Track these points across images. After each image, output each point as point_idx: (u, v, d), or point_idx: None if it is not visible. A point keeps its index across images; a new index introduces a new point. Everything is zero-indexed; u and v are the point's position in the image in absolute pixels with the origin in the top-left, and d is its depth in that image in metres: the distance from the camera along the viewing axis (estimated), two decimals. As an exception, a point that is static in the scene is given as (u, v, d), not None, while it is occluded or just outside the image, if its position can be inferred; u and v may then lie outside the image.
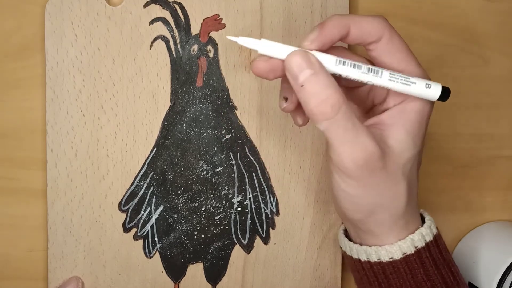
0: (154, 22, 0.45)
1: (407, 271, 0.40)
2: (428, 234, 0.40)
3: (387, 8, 0.51)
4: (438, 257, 0.40)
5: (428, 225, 0.41)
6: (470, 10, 0.52)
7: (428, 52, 0.52)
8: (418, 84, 0.38)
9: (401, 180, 0.39)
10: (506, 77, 0.54)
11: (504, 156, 0.54)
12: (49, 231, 0.46)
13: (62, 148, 0.45)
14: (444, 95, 0.38)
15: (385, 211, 0.39)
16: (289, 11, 0.47)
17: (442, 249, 0.41)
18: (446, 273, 0.40)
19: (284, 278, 0.50)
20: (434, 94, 0.38)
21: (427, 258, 0.40)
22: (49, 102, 0.44)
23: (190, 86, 0.46)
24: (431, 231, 0.41)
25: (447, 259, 0.41)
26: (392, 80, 0.37)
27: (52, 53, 0.44)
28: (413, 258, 0.40)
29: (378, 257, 0.40)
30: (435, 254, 0.40)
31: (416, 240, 0.40)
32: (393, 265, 0.40)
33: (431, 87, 0.38)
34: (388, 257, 0.40)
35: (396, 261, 0.40)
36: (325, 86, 0.35)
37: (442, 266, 0.40)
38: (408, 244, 0.40)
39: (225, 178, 0.48)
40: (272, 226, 0.49)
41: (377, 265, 0.41)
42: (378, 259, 0.40)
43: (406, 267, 0.40)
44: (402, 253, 0.40)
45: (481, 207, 0.55)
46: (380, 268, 0.41)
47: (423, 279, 0.40)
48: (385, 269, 0.40)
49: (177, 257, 0.48)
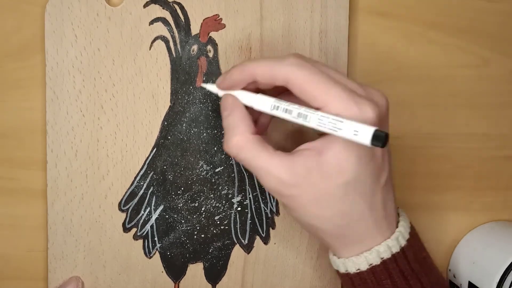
0: (154, 22, 0.45)
1: (374, 282, 0.40)
2: (394, 245, 0.40)
3: (387, 8, 0.51)
4: (406, 268, 0.40)
5: (396, 236, 0.41)
6: (470, 10, 0.52)
7: (428, 52, 0.52)
8: (344, 130, 0.36)
9: (342, 202, 0.39)
10: (506, 77, 0.54)
11: (504, 156, 0.54)
12: (49, 231, 0.46)
13: (62, 148, 0.45)
14: (380, 139, 0.35)
15: (334, 228, 0.40)
16: (289, 11, 0.47)
17: (411, 260, 0.41)
18: (415, 283, 0.41)
19: (284, 278, 0.50)
20: (364, 140, 0.35)
21: (394, 269, 0.40)
22: (49, 102, 0.44)
23: (190, 86, 0.46)
24: (398, 242, 0.41)
25: (416, 270, 0.41)
26: (320, 126, 0.37)
27: (52, 54, 0.44)
28: (379, 269, 0.40)
29: (346, 269, 0.41)
30: (402, 265, 0.40)
31: (382, 252, 0.40)
32: (360, 276, 0.41)
33: (358, 134, 0.35)
34: (355, 268, 0.41)
35: (363, 272, 0.40)
36: (233, 125, 0.40)
37: (411, 277, 0.40)
38: (374, 256, 0.40)
39: (225, 178, 0.48)
40: (272, 226, 0.49)
41: (345, 276, 0.42)
42: (345, 270, 0.41)
43: (373, 278, 0.40)
44: (368, 264, 0.40)
45: (481, 207, 0.55)
46: (348, 279, 0.42)
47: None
48: (353, 280, 0.41)
49: (177, 257, 0.48)
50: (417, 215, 0.54)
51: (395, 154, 0.53)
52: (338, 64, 0.49)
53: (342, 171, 0.38)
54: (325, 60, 0.49)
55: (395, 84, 0.52)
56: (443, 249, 0.54)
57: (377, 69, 0.51)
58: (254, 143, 0.39)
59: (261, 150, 0.39)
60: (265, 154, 0.39)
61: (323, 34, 0.48)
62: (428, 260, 0.43)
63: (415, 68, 0.52)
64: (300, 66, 0.38)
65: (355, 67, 0.51)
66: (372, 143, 0.35)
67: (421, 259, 0.42)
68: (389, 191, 0.41)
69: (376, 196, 0.40)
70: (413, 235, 0.42)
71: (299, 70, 0.38)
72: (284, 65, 0.38)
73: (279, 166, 0.38)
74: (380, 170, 0.40)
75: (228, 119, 0.41)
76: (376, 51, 0.51)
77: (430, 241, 0.54)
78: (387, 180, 0.41)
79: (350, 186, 0.38)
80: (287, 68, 0.38)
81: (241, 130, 0.40)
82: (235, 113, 0.40)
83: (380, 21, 0.51)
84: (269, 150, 0.39)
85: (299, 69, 0.38)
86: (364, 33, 0.51)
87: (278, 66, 0.39)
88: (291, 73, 0.38)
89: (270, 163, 0.39)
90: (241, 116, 0.40)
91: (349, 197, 0.39)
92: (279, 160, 0.39)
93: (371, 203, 0.40)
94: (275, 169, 0.38)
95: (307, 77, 0.38)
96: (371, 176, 0.39)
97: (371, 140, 0.35)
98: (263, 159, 0.39)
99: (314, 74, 0.38)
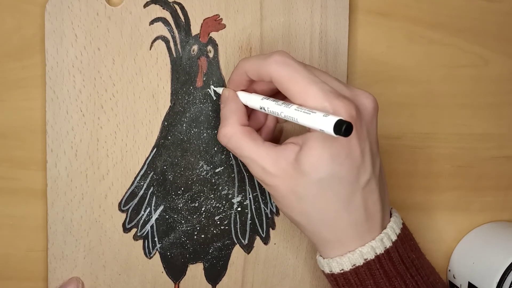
0: (154, 22, 0.45)
1: (357, 283, 0.41)
2: (379, 247, 0.41)
3: (387, 8, 0.51)
4: (390, 270, 0.41)
5: (380, 238, 0.41)
6: (470, 10, 0.52)
7: (428, 52, 0.52)
8: (311, 120, 0.37)
9: (317, 198, 0.40)
10: (506, 77, 0.54)
11: (504, 156, 0.55)
12: (49, 231, 0.46)
13: (62, 148, 0.45)
14: (340, 128, 0.35)
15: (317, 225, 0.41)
16: (289, 11, 0.47)
17: (396, 261, 0.41)
18: (399, 285, 0.41)
19: (284, 278, 0.50)
20: (326, 128, 0.35)
21: (378, 270, 0.41)
22: (49, 102, 0.44)
23: (190, 86, 0.46)
24: (383, 244, 0.41)
25: (401, 272, 0.41)
26: (297, 110, 0.38)
27: (52, 53, 0.44)
28: (362, 270, 0.41)
29: (330, 269, 0.42)
30: (387, 266, 0.41)
31: (365, 253, 0.41)
32: (344, 277, 0.41)
33: (322, 123, 0.35)
34: (339, 268, 0.41)
35: (346, 272, 0.41)
36: (226, 116, 0.43)
37: (396, 279, 0.41)
38: (357, 256, 0.41)
39: (225, 178, 0.48)
40: (272, 226, 0.49)
41: (330, 277, 0.42)
42: (330, 270, 0.42)
43: (357, 278, 0.41)
44: (351, 265, 0.41)
45: (481, 207, 0.55)
46: (333, 280, 0.42)
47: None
48: (338, 280, 0.42)
49: (177, 257, 0.48)
50: (417, 215, 0.54)
51: (395, 154, 0.53)
52: (338, 64, 0.49)
53: (316, 167, 0.39)
54: (325, 60, 0.49)
55: (395, 84, 0.52)
56: (443, 249, 0.54)
57: (377, 69, 0.52)
58: (242, 134, 0.41)
59: (248, 141, 0.41)
60: (252, 144, 0.41)
61: (323, 34, 0.48)
62: (417, 262, 0.42)
63: (415, 68, 0.52)
64: (282, 64, 0.39)
65: (355, 67, 0.51)
66: (335, 132, 0.35)
67: (409, 261, 0.42)
68: (373, 192, 0.41)
69: (355, 197, 0.40)
70: (403, 236, 0.42)
71: (282, 68, 0.39)
72: (268, 63, 0.40)
73: (264, 157, 0.40)
74: (359, 170, 0.40)
75: (222, 110, 0.43)
76: (376, 51, 0.51)
77: (430, 241, 0.54)
78: (369, 181, 0.40)
79: (324, 183, 0.39)
80: (271, 66, 0.40)
81: (232, 121, 0.42)
82: (229, 106, 0.43)
83: (380, 21, 0.51)
84: (257, 141, 0.41)
85: (281, 67, 0.39)
86: (364, 33, 0.51)
87: (263, 63, 0.40)
88: (273, 71, 0.40)
89: (256, 153, 0.41)
90: (234, 108, 0.43)
91: (324, 195, 0.39)
92: (265, 151, 0.41)
93: (348, 203, 0.40)
94: (260, 159, 0.40)
95: (288, 75, 0.39)
96: (347, 175, 0.39)
97: (333, 128, 0.35)
98: (250, 149, 0.41)
99: (294, 72, 0.39)
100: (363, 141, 0.40)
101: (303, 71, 0.39)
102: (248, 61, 0.42)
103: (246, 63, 0.42)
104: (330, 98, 0.38)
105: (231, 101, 0.43)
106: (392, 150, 0.53)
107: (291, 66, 0.39)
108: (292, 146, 0.40)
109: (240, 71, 0.43)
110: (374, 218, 0.41)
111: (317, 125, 0.36)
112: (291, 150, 0.40)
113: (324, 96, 0.38)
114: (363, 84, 0.51)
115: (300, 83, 0.39)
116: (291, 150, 0.40)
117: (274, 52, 0.40)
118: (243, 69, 0.42)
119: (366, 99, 0.41)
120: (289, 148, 0.40)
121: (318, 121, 0.36)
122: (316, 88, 0.38)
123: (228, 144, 0.42)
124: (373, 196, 0.41)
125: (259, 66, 0.40)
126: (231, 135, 0.42)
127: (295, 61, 0.40)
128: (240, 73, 0.43)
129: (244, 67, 0.42)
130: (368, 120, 0.40)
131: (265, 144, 0.41)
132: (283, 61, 0.40)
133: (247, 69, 0.42)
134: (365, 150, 0.40)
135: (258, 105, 0.42)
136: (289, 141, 0.41)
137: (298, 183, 0.39)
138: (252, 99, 0.43)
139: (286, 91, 0.39)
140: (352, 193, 0.40)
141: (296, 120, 0.38)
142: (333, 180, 0.39)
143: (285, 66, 0.39)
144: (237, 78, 0.43)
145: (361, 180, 0.40)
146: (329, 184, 0.39)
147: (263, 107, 0.41)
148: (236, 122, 0.42)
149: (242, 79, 0.43)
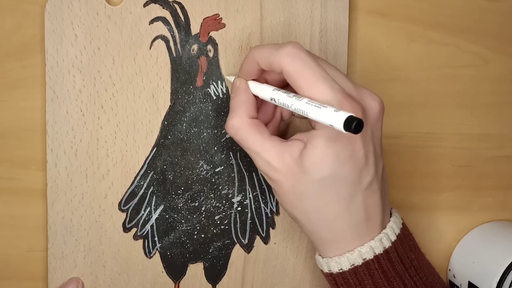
0: (154, 22, 0.45)
1: (356, 282, 0.41)
2: (377, 247, 0.41)
3: (387, 8, 0.51)
4: (389, 270, 0.41)
5: (379, 238, 0.41)
6: (470, 10, 0.52)
7: (428, 52, 0.52)
8: (320, 114, 0.36)
9: (318, 197, 0.40)
10: (506, 77, 0.54)
11: (504, 156, 0.55)
12: (49, 231, 0.45)
13: (62, 148, 0.45)
14: (350, 125, 0.34)
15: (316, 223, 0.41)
16: (289, 11, 0.47)
17: (395, 261, 0.41)
18: (398, 285, 0.41)
19: (284, 278, 0.50)
20: (336, 123, 0.35)
21: (376, 270, 0.40)
22: (49, 102, 0.44)
23: (190, 85, 0.46)
24: (382, 244, 0.41)
25: (400, 272, 0.41)
26: (308, 103, 0.37)
27: (52, 53, 0.44)
28: (361, 270, 0.40)
29: (329, 268, 0.42)
30: (385, 266, 0.41)
31: (364, 252, 0.40)
32: (342, 276, 0.41)
33: (332, 117, 0.35)
34: (338, 268, 0.41)
35: (345, 272, 0.41)
36: (235, 107, 0.42)
37: (394, 279, 0.41)
38: (356, 256, 0.40)
39: (225, 178, 0.48)
40: (272, 225, 0.49)
41: (329, 276, 0.42)
42: (328, 270, 0.42)
43: (355, 278, 0.41)
44: (350, 264, 0.41)
45: (481, 207, 0.55)
46: (332, 279, 0.42)
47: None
48: (336, 280, 0.42)
49: (177, 257, 0.48)
50: (417, 215, 0.54)
51: (395, 154, 0.53)
52: (338, 64, 0.49)
53: (318, 167, 0.38)
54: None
55: (395, 84, 0.52)
56: (443, 249, 0.54)
57: (377, 69, 0.52)
58: (250, 126, 0.41)
59: (255, 133, 0.41)
60: (258, 137, 0.40)
61: (323, 34, 0.48)
62: (416, 262, 0.42)
63: (415, 68, 0.52)
64: (294, 57, 0.39)
65: (355, 67, 0.51)
66: (345, 128, 0.34)
67: (408, 261, 0.42)
68: (374, 194, 0.41)
69: (356, 198, 0.40)
70: (402, 236, 0.42)
71: (293, 61, 0.39)
72: (279, 55, 0.39)
73: (270, 151, 0.40)
74: (361, 171, 0.40)
75: (232, 101, 0.43)
76: (376, 51, 0.51)
77: (430, 241, 0.54)
78: (371, 183, 0.40)
79: (325, 183, 0.39)
80: (283, 58, 0.39)
81: (240, 113, 0.42)
82: (238, 96, 0.42)
83: (380, 21, 0.51)
84: (263, 134, 0.41)
85: (292, 60, 0.39)
86: (364, 33, 0.51)
87: (274, 54, 0.39)
88: (284, 63, 0.39)
89: (261, 147, 0.40)
90: (244, 100, 0.42)
91: (325, 194, 0.39)
92: (271, 145, 0.40)
93: (349, 203, 0.40)
94: (265, 153, 0.40)
95: (298, 69, 0.39)
96: (350, 176, 0.39)
97: (343, 124, 0.34)
98: (256, 142, 0.40)
99: (305, 67, 0.38)
100: (368, 143, 0.40)
101: (315, 66, 0.39)
102: (259, 50, 0.41)
103: (257, 52, 0.41)
104: (338, 98, 0.38)
105: (242, 91, 0.43)
106: (392, 150, 0.53)
107: (303, 60, 0.39)
108: (298, 143, 0.40)
109: (251, 60, 0.42)
110: (374, 218, 0.41)
111: (327, 119, 0.35)
112: (297, 147, 0.39)
113: (332, 95, 0.38)
114: (363, 84, 0.50)
115: (310, 79, 0.38)
116: (296, 146, 0.39)
117: (287, 43, 0.40)
118: (254, 58, 0.41)
119: (373, 100, 0.40)
120: (295, 145, 0.40)
121: (329, 116, 0.35)
122: (325, 85, 0.38)
123: (235, 135, 0.41)
124: (374, 197, 0.41)
125: (271, 57, 0.40)
126: (239, 127, 0.41)
127: (307, 54, 0.39)
128: (251, 62, 0.42)
129: (255, 57, 0.41)
130: (374, 122, 0.40)
131: (272, 138, 0.41)
132: (295, 54, 0.39)
133: (258, 58, 0.41)
134: (369, 152, 0.40)
135: (269, 96, 0.41)
136: (295, 138, 0.40)
137: (300, 180, 0.39)
138: (263, 89, 0.42)
139: (295, 85, 0.39)
140: (354, 194, 0.40)
141: (306, 114, 0.37)
142: (335, 180, 0.39)
143: (297, 59, 0.39)
144: (248, 67, 0.42)
145: (363, 181, 0.40)
146: (331, 184, 0.39)
147: (273, 98, 0.41)
148: (245, 114, 0.42)
149: (253, 68, 0.42)
